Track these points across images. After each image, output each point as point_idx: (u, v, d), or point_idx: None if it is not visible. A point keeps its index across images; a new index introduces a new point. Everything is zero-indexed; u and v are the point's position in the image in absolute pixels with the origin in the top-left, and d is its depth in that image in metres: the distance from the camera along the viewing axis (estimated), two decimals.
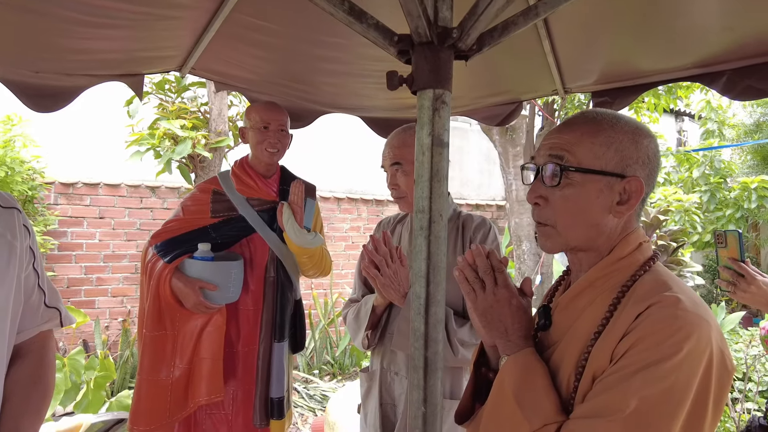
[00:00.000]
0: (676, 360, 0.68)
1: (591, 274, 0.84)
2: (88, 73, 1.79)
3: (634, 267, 0.81)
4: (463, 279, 0.88)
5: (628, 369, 0.70)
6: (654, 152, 0.83)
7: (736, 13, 1.38)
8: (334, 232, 5.75)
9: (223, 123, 3.90)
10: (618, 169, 0.80)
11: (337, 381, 4.76)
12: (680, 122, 10.56)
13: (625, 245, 0.83)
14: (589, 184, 0.80)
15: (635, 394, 0.68)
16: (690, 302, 0.73)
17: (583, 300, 0.84)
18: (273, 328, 1.86)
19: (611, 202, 0.80)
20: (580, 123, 0.83)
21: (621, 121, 0.82)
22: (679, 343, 0.69)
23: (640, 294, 0.76)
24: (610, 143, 0.80)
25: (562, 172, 0.80)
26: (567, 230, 0.83)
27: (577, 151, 0.81)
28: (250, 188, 1.88)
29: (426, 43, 0.81)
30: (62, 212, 4.27)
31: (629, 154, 0.80)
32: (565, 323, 0.85)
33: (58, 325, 1.10)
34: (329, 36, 1.64)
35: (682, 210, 6.24)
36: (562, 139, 0.83)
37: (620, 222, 0.83)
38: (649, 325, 0.71)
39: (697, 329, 0.70)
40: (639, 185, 0.80)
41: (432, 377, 0.86)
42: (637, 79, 1.81)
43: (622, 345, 0.73)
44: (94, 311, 4.36)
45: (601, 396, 0.71)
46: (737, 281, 1.32)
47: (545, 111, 4.97)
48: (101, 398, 3.11)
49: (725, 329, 4.20)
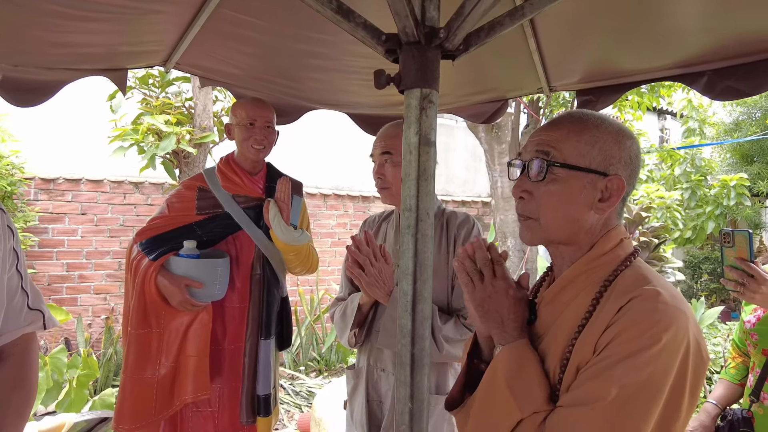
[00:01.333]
0: (656, 350, 0.71)
1: (574, 270, 0.86)
2: (70, 67, 1.76)
3: (615, 262, 0.84)
4: (462, 270, 0.90)
5: (610, 359, 0.73)
6: (636, 153, 0.86)
7: (716, 15, 1.41)
8: (321, 228, 5.74)
9: (208, 118, 3.86)
10: (601, 168, 0.83)
11: (324, 377, 4.76)
12: (663, 120, 10.72)
13: (606, 241, 0.85)
14: (573, 180, 0.83)
15: (616, 382, 0.71)
16: (669, 295, 0.76)
17: (567, 294, 0.87)
18: (259, 325, 1.85)
19: (593, 199, 0.83)
20: (567, 122, 0.86)
21: (606, 122, 0.85)
22: (659, 334, 0.72)
23: (622, 288, 0.79)
24: (595, 142, 0.83)
25: (548, 167, 0.83)
26: (549, 224, 0.85)
27: (563, 148, 0.83)
28: (236, 185, 1.87)
29: (413, 42, 0.81)
30: (43, 208, 4.19)
31: (612, 153, 0.83)
32: (550, 317, 0.88)
33: (41, 327, 1.08)
34: (316, 32, 1.63)
35: (664, 207, 6.35)
36: (549, 136, 0.85)
37: (601, 219, 0.85)
38: (630, 317, 0.74)
39: (675, 321, 0.73)
40: (620, 184, 0.83)
41: (419, 373, 0.87)
42: (620, 78, 1.84)
43: (605, 337, 0.75)
44: (76, 309, 4.30)
45: (585, 385, 0.74)
46: (746, 282, 1.29)
47: (530, 109, 5.01)
48: (84, 397, 3.07)
49: (704, 324, 4.30)
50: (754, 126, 7.19)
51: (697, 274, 8.16)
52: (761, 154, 7.23)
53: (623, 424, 0.71)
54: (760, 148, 7.22)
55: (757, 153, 7.29)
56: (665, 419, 0.73)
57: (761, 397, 1.45)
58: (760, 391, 1.45)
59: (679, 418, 0.74)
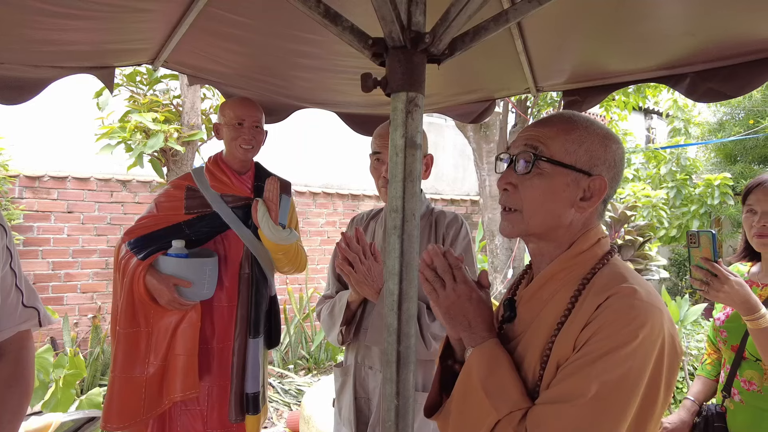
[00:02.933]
0: (633, 346, 0.73)
1: (553, 267, 0.89)
2: (56, 65, 1.75)
3: (593, 260, 0.87)
4: (423, 279, 0.91)
5: (589, 356, 0.75)
6: (620, 158, 0.89)
7: (697, 19, 1.43)
8: (310, 226, 5.73)
9: (196, 116, 3.84)
10: (586, 167, 0.85)
11: (313, 376, 4.77)
12: (649, 120, 10.83)
13: (584, 240, 0.88)
14: (558, 176, 0.85)
15: (596, 379, 0.73)
16: (644, 292, 0.79)
17: (546, 292, 0.89)
18: (248, 324, 1.86)
19: (575, 197, 0.86)
20: (557, 120, 0.89)
21: (594, 124, 0.88)
22: (635, 331, 0.74)
23: (600, 286, 0.81)
24: (582, 142, 0.86)
25: (535, 161, 0.85)
26: (531, 216, 0.87)
27: (552, 145, 0.86)
28: (224, 185, 1.87)
29: (399, 47, 0.83)
30: (28, 206, 4.14)
31: (598, 155, 0.86)
32: (530, 315, 0.90)
33: (37, 325, 1.08)
34: (304, 32, 1.64)
35: (650, 205, 6.44)
36: (539, 132, 0.88)
37: (582, 218, 0.88)
38: (608, 314, 0.76)
39: (650, 317, 0.76)
40: (603, 184, 0.86)
41: (404, 371, 0.88)
42: (606, 79, 1.87)
43: (584, 334, 0.77)
44: (63, 308, 4.26)
45: (564, 382, 0.76)
46: (711, 281, 1.33)
47: (518, 108, 5.04)
48: (71, 397, 3.05)
49: (688, 321, 4.37)
50: (738, 126, 7.31)
51: (682, 272, 8.28)
52: (744, 153, 7.35)
53: (602, 420, 0.73)
54: (743, 148, 7.34)
55: (741, 153, 7.41)
56: (642, 413, 0.75)
57: (732, 393, 1.49)
58: (731, 386, 1.49)
59: (654, 411, 0.77)
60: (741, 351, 1.47)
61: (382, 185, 1.56)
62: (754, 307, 1.30)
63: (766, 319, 1.29)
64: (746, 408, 1.45)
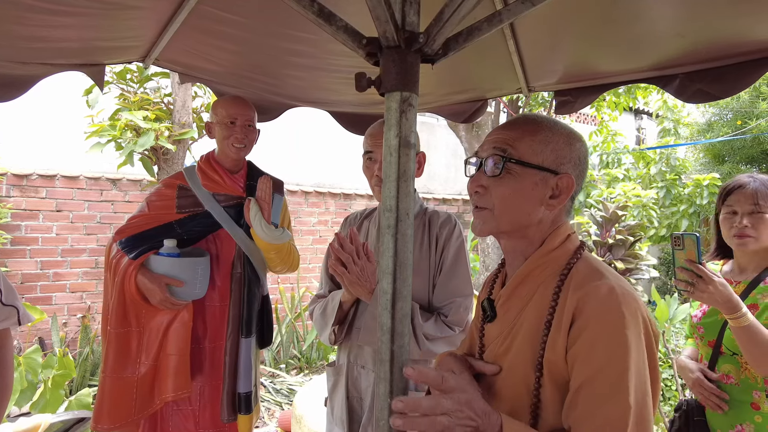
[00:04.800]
0: (627, 346, 0.76)
1: (528, 265, 0.91)
2: (45, 62, 1.73)
3: (566, 256, 0.90)
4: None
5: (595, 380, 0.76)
6: (584, 155, 0.93)
7: (687, 21, 1.45)
8: (302, 225, 5.72)
9: (187, 115, 3.81)
10: (553, 166, 0.88)
11: (304, 375, 4.76)
12: (639, 120, 10.93)
13: (555, 237, 0.91)
14: (527, 176, 0.88)
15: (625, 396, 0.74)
16: (617, 286, 0.81)
17: (524, 290, 0.91)
18: (240, 323, 1.85)
19: (544, 195, 0.89)
20: (522, 123, 0.92)
21: (558, 125, 0.92)
22: (623, 332, 0.76)
23: (577, 281, 0.84)
24: (548, 142, 0.89)
25: (504, 163, 0.88)
26: (502, 215, 0.89)
27: (519, 146, 0.89)
28: (216, 184, 1.86)
29: (393, 47, 0.83)
30: (16, 205, 4.09)
31: (563, 153, 0.89)
32: (511, 314, 0.91)
33: (16, 323, 1.07)
34: (297, 30, 1.63)
35: (640, 205, 6.49)
36: (506, 135, 0.91)
37: (551, 215, 0.91)
38: (593, 322, 0.78)
39: (627, 308, 0.78)
40: (570, 182, 0.89)
41: (397, 370, 0.88)
42: (597, 80, 1.88)
43: (574, 344, 0.79)
44: (51, 308, 4.21)
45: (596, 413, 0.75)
46: (695, 282, 1.37)
47: (510, 108, 5.06)
48: (60, 397, 3.02)
49: (677, 319, 4.41)
50: (726, 127, 7.39)
51: (672, 271, 8.34)
52: (732, 154, 7.44)
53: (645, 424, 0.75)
54: (731, 149, 7.43)
55: (729, 153, 7.50)
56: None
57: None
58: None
59: (657, 391, 0.80)
60: (718, 346, 1.52)
61: (375, 184, 1.56)
62: (736, 306, 1.34)
63: (748, 317, 1.34)
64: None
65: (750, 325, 1.33)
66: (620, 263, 5.66)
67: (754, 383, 1.44)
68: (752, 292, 1.49)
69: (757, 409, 1.44)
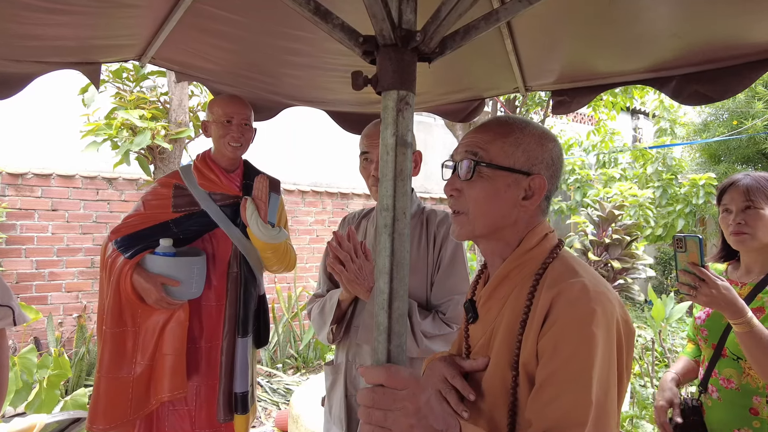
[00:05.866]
0: (594, 345, 0.75)
1: (506, 266, 0.91)
2: (40, 60, 1.72)
3: (543, 255, 0.90)
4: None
5: (560, 372, 0.76)
6: (557, 155, 0.93)
7: (683, 22, 1.45)
8: (299, 225, 5.71)
9: (184, 113, 3.80)
10: (525, 168, 0.89)
11: (301, 374, 4.75)
12: (636, 120, 10.96)
13: (532, 237, 0.91)
14: (499, 178, 0.89)
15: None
16: (591, 284, 0.81)
17: (503, 291, 0.91)
18: (236, 323, 1.85)
19: (517, 197, 0.89)
20: (494, 125, 0.93)
21: (529, 126, 0.92)
22: (590, 329, 0.76)
23: (551, 280, 0.84)
24: (519, 144, 0.90)
25: (476, 166, 0.89)
26: (476, 218, 0.90)
27: (490, 149, 0.90)
28: (212, 183, 1.85)
29: (390, 45, 0.82)
30: (11, 204, 4.07)
31: (535, 155, 0.90)
32: (491, 314, 0.92)
33: (11, 323, 1.07)
34: (294, 29, 1.63)
35: (636, 205, 6.51)
36: (477, 138, 0.92)
37: (526, 216, 0.91)
38: (563, 319, 0.78)
39: (599, 305, 0.78)
40: (542, 183, 0.89)
41: None
42: (594, 80, 1.88)
43: (543, 342, 0.79)
44: (47, 307, 4.19)
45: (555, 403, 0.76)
46: (699, 285, 1.34)
47: (507, 108, 5.07)
48: (55, 397, 3.00)
49: (673, 318, 4.42)
50: (722, 127, 7.42)
51: (668, 270, 8.39)
52: (728, 154, 7.47)
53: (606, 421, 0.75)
54: (727, 149, 7.46)
55: (724, 153, 7.53)
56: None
57: (709, 389, 1.51)
58: (707, 383, 1.52)
59: (622, 392, 0.80)
60: (720, 349, 1.49)
61: (372, 184, 1.56)
62: (740, 311, 1.30)
63: (753, 322, 1.30)
64: (723, 405, 1.47)
65: (755, 330, 1.29)
66: (616, 262, 5.67)
67: (755, 388, 1.40)
68: (759, 295, 1.44)
69: (756, 415, 1.40)
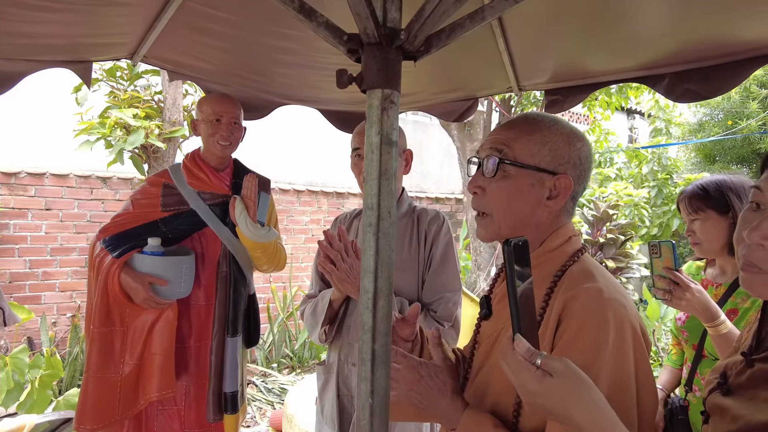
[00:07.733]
0: (602, 355, 0.73)
1: None
2: (30, 59, 1.71)
3: (563, 258, 0.87)
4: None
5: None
6: (586, 155, 0.90)
7: (676, 20, 1.45)
8: (294, 224, 5.70)
9: (178, 112, 3.78)
10: (550, 167, 0.87)
11: (296, 374, 4.75)
12: (631, 120, 10.99)
13: (555, 238, 0.89)
14: (523, 177, 0.87)
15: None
16: (606, 290, 0.79)
17: None
18: (226, 323, 1.84)
19: (542, 196, 0.87)
20: (520, 122, 0.90)
21: (558, 124, 0.89)
22: (600, 334, 0.74)
23: (568, 283, 0.82)
24: (545, 142, 0.87)
25: (500, 164, 0.87)
26: (501, 219, 0.89)
27: (515, 146, 0.87)
28: (201, 182, 1.84)
29: (374, 43, 0.82)
30: (4, 203, 4.05)
31: (562, 153, 0.87)
32: (504, 312, 0.90)
33: (1, 324, 1.06)
34: (285, 28, 1.62)
35: (631, 204, 6.52)
36: (503, 135, 0.90)
37: (550, 216, 0.89)
38: (578, 325, 0.76)
39: (612, 312, 0.76)
40: (568, 183, 0.87)
41: (379, 369, 0.87)
42: (587, 79, 1.88)
43: (556, 342, 0.78)
44: (40, 307, 4.17)
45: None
46: (673, 289, 1.38)
47: (502, 107, 5.07)
48: (47, 398, 2.99)
49: (668, 318, 4.44)
50: (717, 127, 7.44)
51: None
52: (723, 153, 7.50)
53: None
54: (722, 148, 7.48)
55: (719, 153, 7.56)
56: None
57: (693, 388, 1.54)
58: (692, 383, 1.55)
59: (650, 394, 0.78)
60: (700, 350, 1.53)
61: (363, 181, 1.56)
62: (714, 314, 1.33)
63: (726, 325, 1.33)
64: None
65: (729, 333, 1.32)
66: (611, 262, 5.68)
67: None
68: (732, 296, 1.48)
69: None
